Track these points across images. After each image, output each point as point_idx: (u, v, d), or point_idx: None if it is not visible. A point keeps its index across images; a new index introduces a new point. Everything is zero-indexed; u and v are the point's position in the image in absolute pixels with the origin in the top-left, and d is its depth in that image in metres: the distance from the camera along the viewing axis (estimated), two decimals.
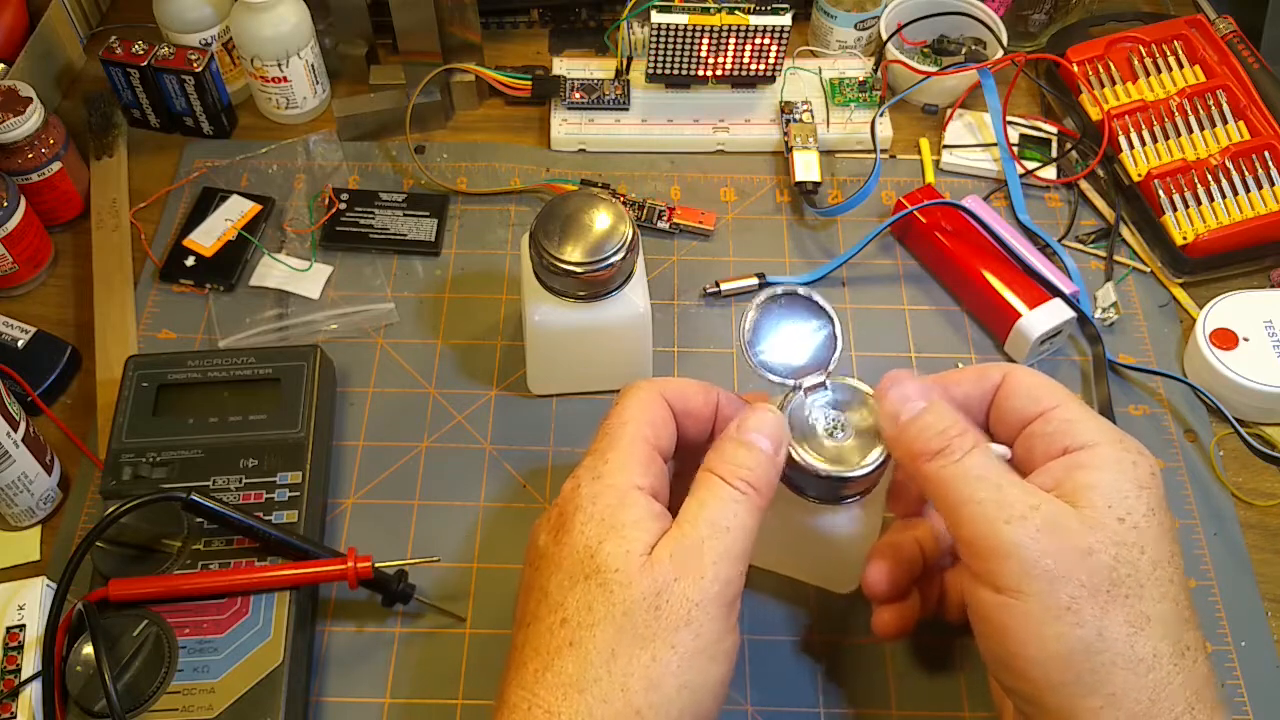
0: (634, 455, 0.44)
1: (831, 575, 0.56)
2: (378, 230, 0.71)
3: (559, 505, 0.44)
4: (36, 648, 0.50)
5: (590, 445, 0.45)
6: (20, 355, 0.64)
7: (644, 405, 0.46)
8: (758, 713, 0.54)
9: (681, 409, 0.47)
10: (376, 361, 0.65)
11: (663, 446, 0.46)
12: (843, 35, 0.80)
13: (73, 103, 0.79)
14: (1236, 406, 0.63)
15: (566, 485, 0.44)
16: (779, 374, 0.49)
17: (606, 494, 0.42)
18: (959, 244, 0.68)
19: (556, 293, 0.57)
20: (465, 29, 0.75)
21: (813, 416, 0.48)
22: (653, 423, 0.45)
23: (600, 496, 0.42)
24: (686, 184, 0.75)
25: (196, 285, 0.68)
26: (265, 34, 0.71)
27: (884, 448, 0.47)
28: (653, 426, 0.45)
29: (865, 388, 0.48)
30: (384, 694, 0.54)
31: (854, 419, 0.48)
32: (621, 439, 0.44)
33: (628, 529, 0.41)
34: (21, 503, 0.57)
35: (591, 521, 0.41)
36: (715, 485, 0.43)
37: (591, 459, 0.44)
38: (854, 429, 0.48)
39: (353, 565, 0.52)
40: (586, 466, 0.44)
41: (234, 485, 0.56)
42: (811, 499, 0.49)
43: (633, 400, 0.46)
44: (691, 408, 0.47)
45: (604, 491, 0.42)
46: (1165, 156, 0.72)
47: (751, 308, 0.50)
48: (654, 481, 0.44)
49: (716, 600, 0.40)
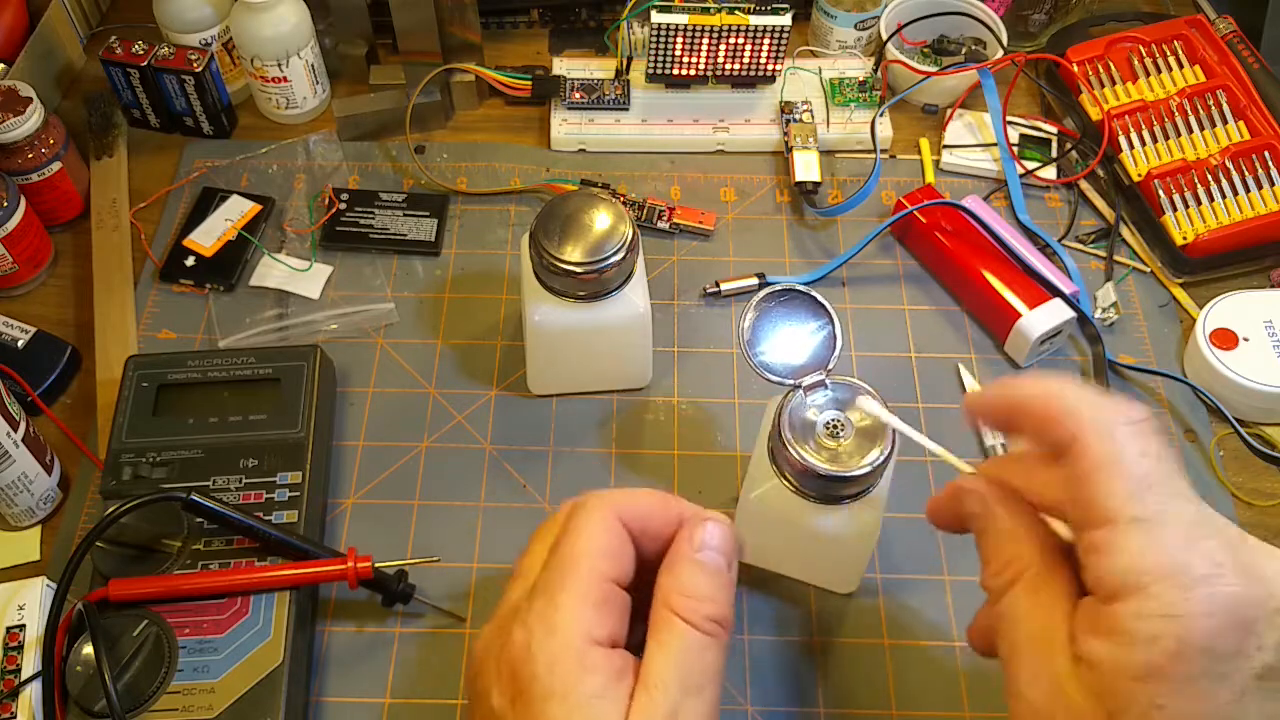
0: (589, 598, 0.39)
1: (831, 575, 0.56)
2: (378, 230, 0.71)
3: (510, 663, 0.39)
4: (36, 648, 0.50)
5: (539, 570, 0.41)
6: (20, 355, 0.64)
7: (597, 533, 0.40)
8: (758, 713, 0.54)
9: (639, 529, 0.41)
10: (376, 361, 0.65)
11: (620, 575, 0.40)
12: (843, 35, 0.80)
13: (73, 103, 0.79)
14: (1236, 406, 0.63)
15: (517, 635, 0.39)
16: (778, 374, 0.49)
17: (564, 658, 0.38)
18: (959, 244, 0.68)
19: (556, 293, 0.57)
20: (465, 29, 0.75)
21: (812, 416, 0.48)
22: (608, 552, 0.40)
23: (557, 662, 0.38)
24: (686, 184, 0.75)
25: (196, 285, 0.68)
26: (265, 34, 0.71)
27: (884, 447, 0.47)
28: (609, 557, 0.40)
29: (865, 387, 0.48)
30: (384, 694, 0.54)
31: (854, 418, 0.48)
32: (574, 577, 0.39)
33: (592, 706, 0.37)
34: (21, 503, 0.57)
35: (552, 699, 0.37)
36: (679, 630, 0.38)
37: (542, 603, 0.39)
38: (854, 428, 0.48)
39: (353, 565, 0.52)
40: (538, 613, 0.39)
41: (234, 485, 0.56)
42: (811, 499, 0.49)
43: (585, 527, 0.40)
44: (651, 528, 0.42)
45: (561, 654, 0.38)
46: (1165, 156, 0.72)
47: (750, 307, 0.50)
48: (612, 626, 0.39)
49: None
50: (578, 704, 0.37)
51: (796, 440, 0.47)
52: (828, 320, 0.50)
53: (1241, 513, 0.61)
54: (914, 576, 0.58)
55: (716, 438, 0.63)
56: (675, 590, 0.40)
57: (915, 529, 0.59)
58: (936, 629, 0.56)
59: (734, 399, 0.64)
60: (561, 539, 0.41)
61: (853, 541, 0.52)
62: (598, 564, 0.40)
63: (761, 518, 0.52)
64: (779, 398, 0.49)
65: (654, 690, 0.37)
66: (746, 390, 0.65)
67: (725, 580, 0.40)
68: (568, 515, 0.42)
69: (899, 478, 0.51)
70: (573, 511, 0.42)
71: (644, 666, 0.38)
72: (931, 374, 0.66)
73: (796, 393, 0.48)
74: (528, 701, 0.38)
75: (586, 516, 0.41)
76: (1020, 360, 0.65)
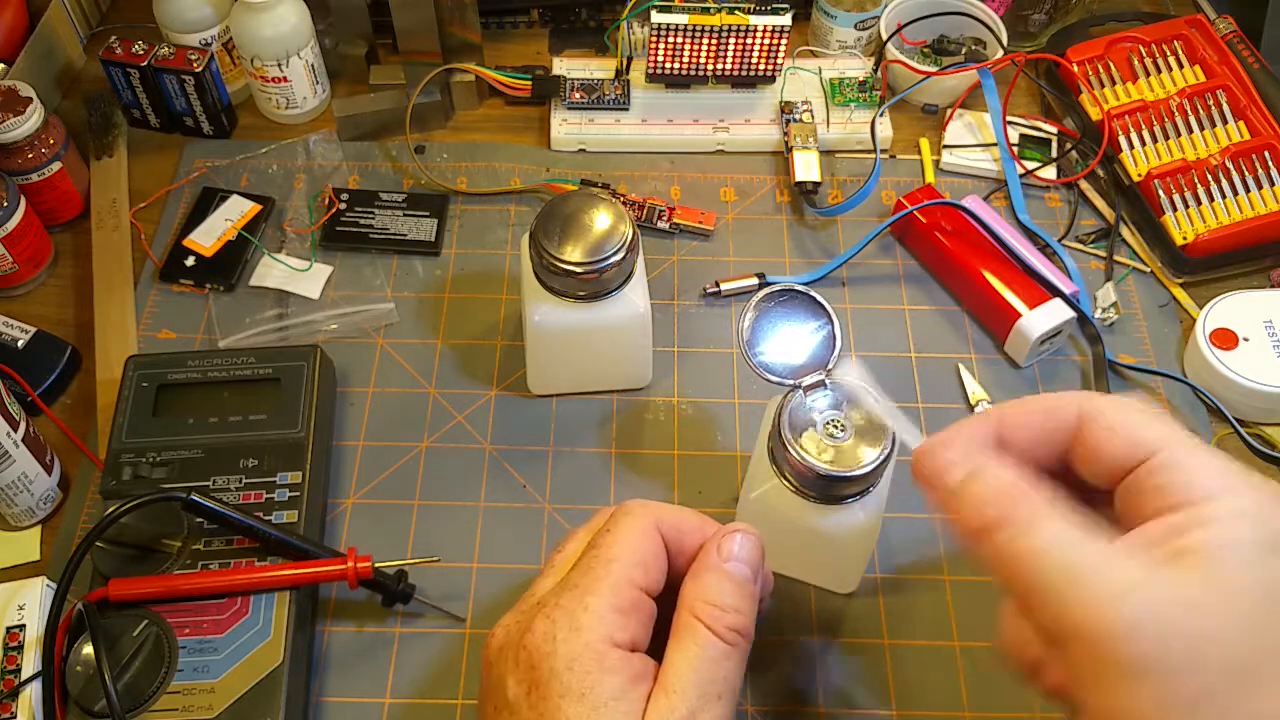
0: (618, 602, 0.40)
1: (831, 575, 0.56)
2: (378, 230, 0.71)
3: (530, 653, 0.39)
4: (36, 648, 0.50)
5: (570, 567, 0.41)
6: (20, 355, 0.64)
7: (636, 541, 0.41)
8: (758, 713, 0.54)
9: (676, 547, 0.42)
10: (376, 361, 0.65)
11: (651, 585, 0.41)
12: (843, 35, 0.80)
13: (73, 103, 0.79)
14: (1236, 406, 0.63)
15: (541, 627, 0.39)
16: (778, 374, 0.49)
17: (584, 657, 0.38)
18: (959, 244, 0.68)
19: (556, 293, 0.57)
20: (465, 29, 0.75)
21: (812, 416, 0.48)
22: (643, 563, 0.41)
23: (577, 661, 0.38)
24: (686, 184, 0.75)
25: (196, 285, 0.68)
26: (265, 34, 0.71)
27: (884, 447, 0.47)
28: (643, 568, 0.41)
29: (866, 386, 0.48)
30: (384, 694, 0.54)
31: (854, 418, 0.48)
32: (607, 580, 0.40)
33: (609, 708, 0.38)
34: (21, 503, 0.57)
35: (569, 696, 0.38)
36: (701, 637, 0.39)
37: (571, 599, 0.40)
38: (854, 428, 0.48)
39: (353, 565, 0.52)
40: (565, 608, 0.40)
41: (234, 485, 0.56)
42: (811, 499, 0.49)
43: (625, 532, 0.41)
44: (686, 546, 0.42)
45: (582, 653, 0.38)
46: (1165, 156, 0.72)
47: (750, 307, 0.50)
48: (635, 632, 0.40)
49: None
50: (594, 705, 0.38)
51: (796, 440, 0.47)
52: (827, 320, 0.50)
53: None
54: (914, 577, 0.58)
55: (716, 438, 0.63)
56: (700, 598, 0.40)
57: (915, 529, 0.59)
58: (936, 629, 0.56)
59: (734, 399, 0.64)
60: (600, 540, 0.42)
61: (853, 541, 0.52)
62: (631, 571, 0.40)
63: (762, 518, 0.51)
64: (779, 398, 0.49)
65: (673, 695, 0.38)
66: (746, 390, 0.65)
67: (749, 591, 0.41)
68: (610, 517, 0.42)
69: (899, 478, 0.51)
70: (615, 515, 0.42)
71: (664, 671, 0.39)
72: (931, 374, 0.66)
73: (796, 393, 0.48)
74: (544, 695, 0.38)
75: (629, 523, 0.42)
76: (1020, 360, 0.65)
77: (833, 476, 0.47)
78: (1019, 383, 0.65)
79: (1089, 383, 0.65)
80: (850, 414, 0.48)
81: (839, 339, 0.49)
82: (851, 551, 0.53)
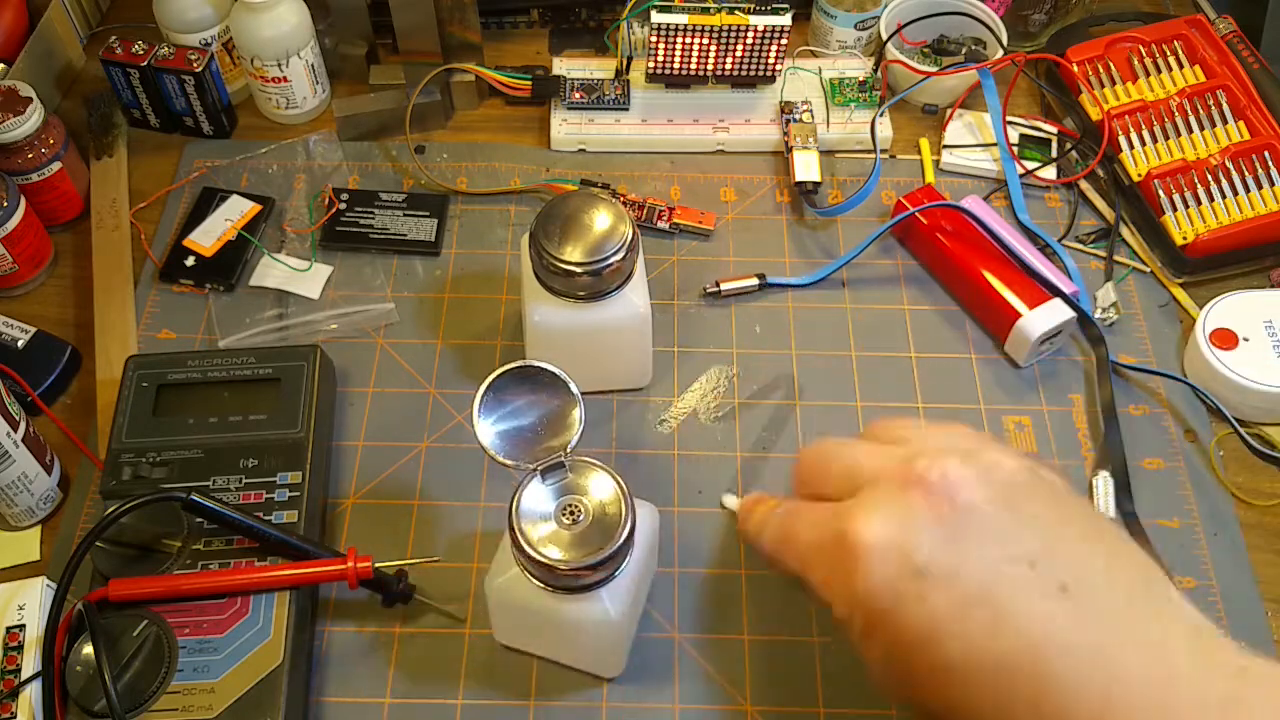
0: None
1: (592, 660, 0.54)
2: (378, 230, 0.71)
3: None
4: (36, 648, 0.50)
5: None
6: (20, 355, 0.64)
7: None
8: (758, 713, 0.54)
9: None
10: (376, 361, 0.65)
11: None
12: (843, 35, 0.80)
13: (73, 103, 0.79)
14: (1236, 406, 0.63)
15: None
16: (512, 458, 0.47)
17: None
18: (959, 244, 0.68)
19: (556, 293, 0.57)
20: (465, 29, 0.75)
21: (550, 501, 0.46)
22: None
23: None
24: (686, 184, 0.75)
25: (196, 285, 0.68)
26: (265, 34, 0.71)
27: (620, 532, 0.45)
28: None
29: (607, 468, 0.46)
30: (384, 694, 0.54)
31: (592, 503, 0.46)
32: None
33: None
34: (21, 503, 0.57)
35: None
36: None
37: None
38: (591, 513, 0.46)
39: (353, 565, 0.52)
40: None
41: (234, 485, 0.56)
42: (551, 589, 0.47)
43: None
44: None
45: None
46: (1165, 156, 0.72)
47: (484, 383, 0.47)
48: None
49: None
50: None
51: (533, 526, 0.45)
52: (570, 398, 0.48)
53: (1241, 513, 0.61)
54: None
55: (716, 438, 0.63)
56: None
57: None
58: None
59: (734, 399, 0.64)
60: None
61: (605, 629, 0.49)
62: None
63: (507, 606, 0.50)
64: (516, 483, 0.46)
65: None
66: (747, 390, 0.65)
67: None
68: None
69: None
70: None
71: None
72: (931, 374, 0.66)
73: (534, 476, 0.46)
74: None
75: None
76: (1020, 360, 0.65)
77: (567, 567, 0.44)
78: (1019, 383, 0.65)
79: (1091, 383, 0.65)
80: (587, 499, 0.46)
81: (583, 418, 0.47)
82: (605, 639, 0.50)
